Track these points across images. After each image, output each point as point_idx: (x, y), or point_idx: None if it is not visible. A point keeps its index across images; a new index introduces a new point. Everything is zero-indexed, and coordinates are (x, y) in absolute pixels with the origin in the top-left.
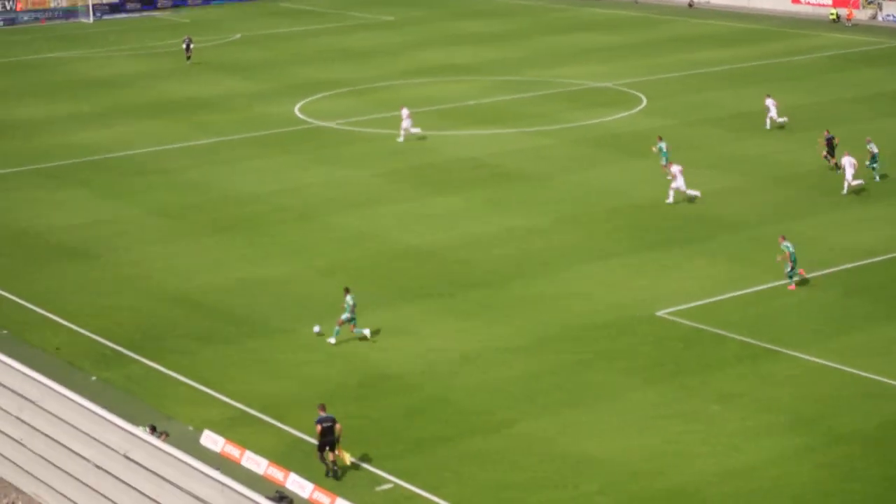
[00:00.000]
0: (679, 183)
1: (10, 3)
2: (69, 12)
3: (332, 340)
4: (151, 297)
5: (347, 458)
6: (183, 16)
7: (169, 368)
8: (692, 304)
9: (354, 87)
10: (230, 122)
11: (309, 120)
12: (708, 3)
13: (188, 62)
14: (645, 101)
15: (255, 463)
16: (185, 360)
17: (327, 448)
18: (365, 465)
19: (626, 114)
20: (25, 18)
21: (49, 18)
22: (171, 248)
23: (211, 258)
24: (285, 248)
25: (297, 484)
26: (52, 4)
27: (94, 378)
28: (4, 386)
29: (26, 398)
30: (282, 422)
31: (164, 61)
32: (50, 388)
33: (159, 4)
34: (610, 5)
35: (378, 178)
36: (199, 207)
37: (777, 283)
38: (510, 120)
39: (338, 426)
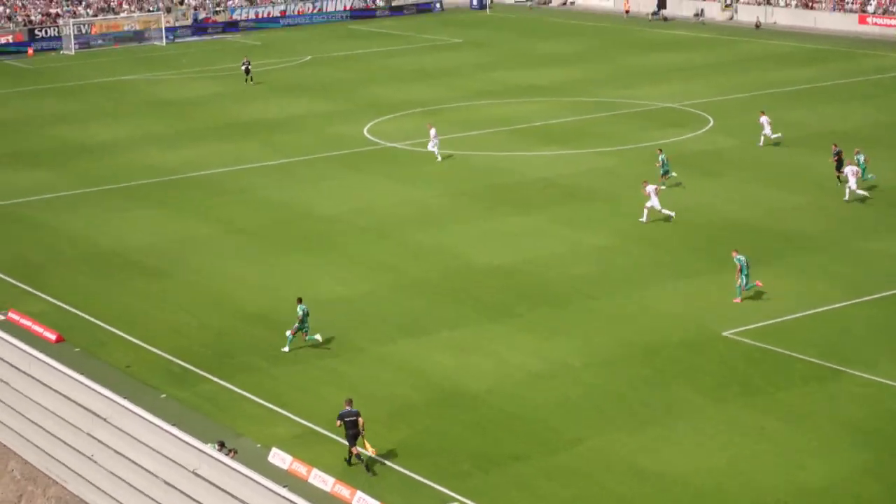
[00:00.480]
0: (654, 202)
1: (86, 27)
2: (143, 35)
3: (286, 349)
4: (222, 315)
5: (371, 450)
6: (254, 38)
7: (238, 386)
8: (760, 324)
9: (424, 107)
10: (302, 143)
11: (378, 140)
12: (774, 23)
13: (249, 83)
14: (712, 122)
15: (322, 481)
16: (254, 377)
17: (353, 442)
18: (433, 484)
19: (694, 134)
20: (100, 42)
21: (123, 41)
22: (244, 266)
23: (283, 276)
24: (358, 266)
25: (363, 502)
26: (126, 28)
27: (164, 395)
28: (76, 402)
29: (97, 415)
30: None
31: (236, 83)
32: (120, 405)
33: (241, 28)
34: (678, 26)
35: (451, 198)
36: (272, 226)
37: (846, 303)
38: (581, 140)
39: (360, 420)
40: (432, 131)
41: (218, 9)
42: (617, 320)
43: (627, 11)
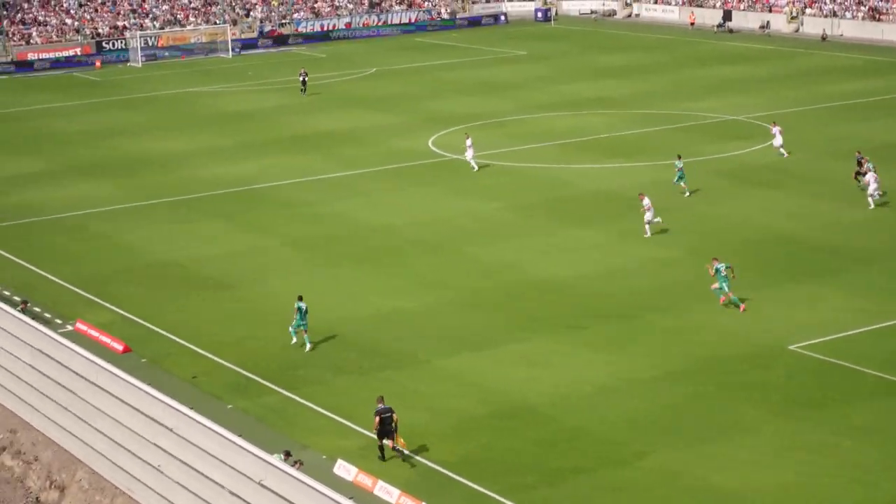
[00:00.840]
0: (649, 216)
1: (153, 39)
2: (209, 48)
3: (294, 341)
4: (286, 327)
5: (404, 446)
6: (320, 51)
7: (304, 398)
8: (826, 338)
9: (488, 120)
10: (366, 155)
11: (443, 153)
12: (841, 35)
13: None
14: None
15: (387, 492)
16: (319, 389)
17: (386, 437)
18: (498, 497)
19: (758, 146)
20: (166, 54)
21: (189, 54)
22: (308, 278)
23: (347, 289)
24: (421, 280)
25: None
26: (193, 40)
27: (229, 407)
28: (143, 413)
29: (164, 425)
30: (414, 453)
31: (300, 95)
32: (187, 415)
33: (306, 40)
34: (743, 38)
35: (512, 211)
36: (336, 239)
37: None
38: (644, 152)
39: (395, 416)
40: (468, 141)
41: (283, 21)
42: (682, 334)
43: (693, 23)
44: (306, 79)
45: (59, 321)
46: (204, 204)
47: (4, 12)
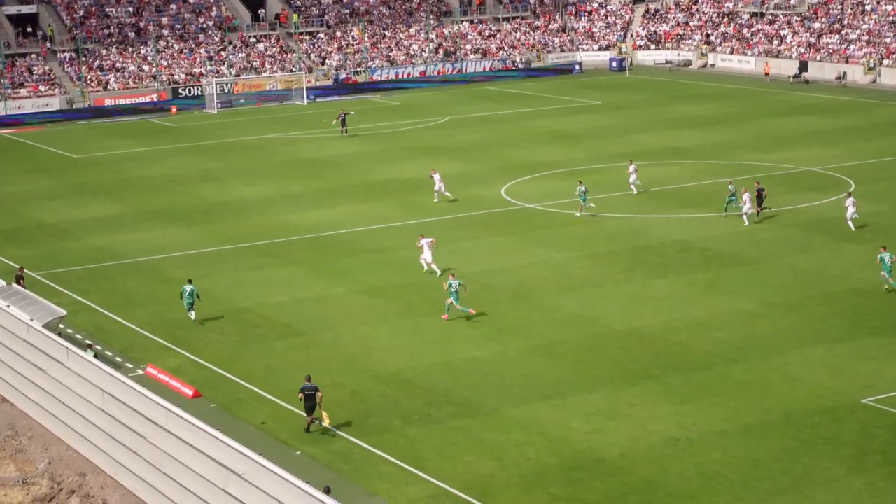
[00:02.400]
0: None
1: (228, 86)
2: (284, 95)
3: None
4: (356, 374)
5: (326, 420)
6: (394, 98)
7: (373, 445)
8: None
9: (562, 169)
10: (440, 203)
11: (515, 201)
12: None
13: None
14: (853, 186)
15: None
16: (389, 437)
17: (311, 412)
18: None
19: (834, 198)
20: (242, 101)
21: (264, 101)
22: (381, 325)
23: (420, 336)
24: (494, 328)
25: None
26: (268, 87)
27: (298, 453)
28: (212, 458)
29: (233, 471)
30: (483, 501)
31: (376, 143)
32: (255, 461)
33: (380, 88)
34: (820, 89)
35: (588, 260)
36: (408, 286)
37: None
38: (719, 203)
39: (319, 394)
40: (436, 176)
41: (359, 69)
42: (756, 386)
43: (767, 74)
44: (346, 118)
45: (129, 365)
46: (277, 250)
47: (83, 59)
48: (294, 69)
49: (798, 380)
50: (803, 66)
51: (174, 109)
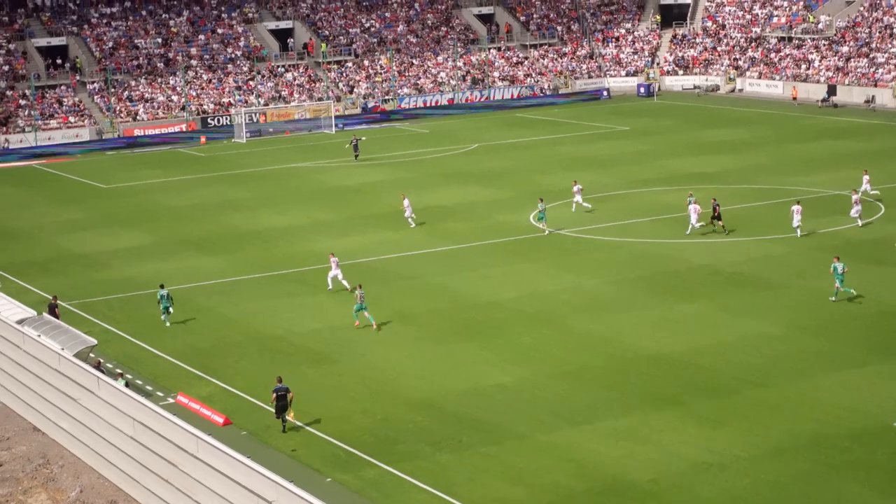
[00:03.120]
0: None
1: (257, 115)
2: (313, 124)
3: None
4: (388, 400)
5: (291, 415)
6: (422, 126)
7: (403, 472)
8: None
9: (590, 195)
10: (469, 230)
11: (545, 227)
12: None
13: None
14: (883, 209)
15: None
16: (418, 463)
17: (283, 412)
18: None
19: (864, 221)
20: (271, 130)
21: (293, 130)
22: (408, 352)
23: (448, 363)
24: (523, 354)
25: None
26: (297, 116)
27: (328, 480)
28: (243, 486)
29: (263, 498)
30: None
31: (405, 170)
32: (286, 488)
33: (409, 116)
34: (848, 113)
35: (615, 285)
36: (437, 313)
37: None
38: (747, 227)
39: (290, 395)
40: (406, 201)
41: (387, 97)
42: (784, 410)
43: (796, 98)
44: (358, 144)
45: (160, 394)
46: (307, 278)
47: (112, 89)
48: (322, 98)
49: (827, 403)
50: (831, 90)
51: (203, 139)
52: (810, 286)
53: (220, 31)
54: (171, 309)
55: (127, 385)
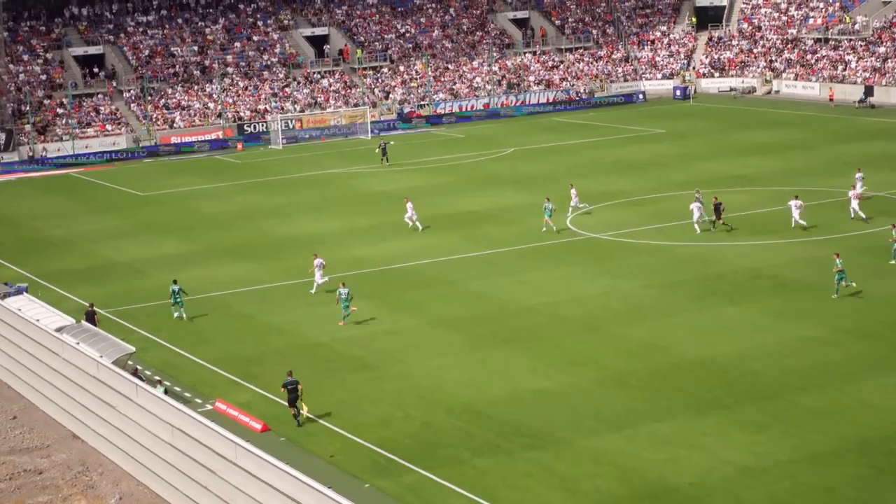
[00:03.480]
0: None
1: (293, 122)
2: (349, 130)
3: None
4: (428, 406)
5: (305, 410)
6: (458, 131)
7: (442, 477)
8: None
9: (628, 198)
10: (507, 234)
11: (581, 232)
12: None
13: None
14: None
15: None
16: (459, 469)
17: (293, 404)
18: None
19: None
20: (307, 136)
21: (329, 136)
22: (449, 358)
23: (489, 368)
24: (564, 359)
25: None
26: (333, 123)
27: (367, 486)
28: (281, 492)
29: None
30: None
31: (442, 175)
32: (324, 494)
33: (444, 121)
34: (886, 114)
35: (657, 289)
36: (477, 318)
37: None
38: (787, 230)
39: (299, 386)
40: (409, 205)
41: (423, 103)
42: (830, 414)
43: (832, 99)
44: (386, 148)
45: (199, 400)
46: (347, 283)
47: (149, 97)
48: (358, 104)
49: (873, 407)
50: (868, 91)
51: (240, 146)
52: (854, 290)
53: (255, 38)
54: (182, 304)
55: (165, 392)
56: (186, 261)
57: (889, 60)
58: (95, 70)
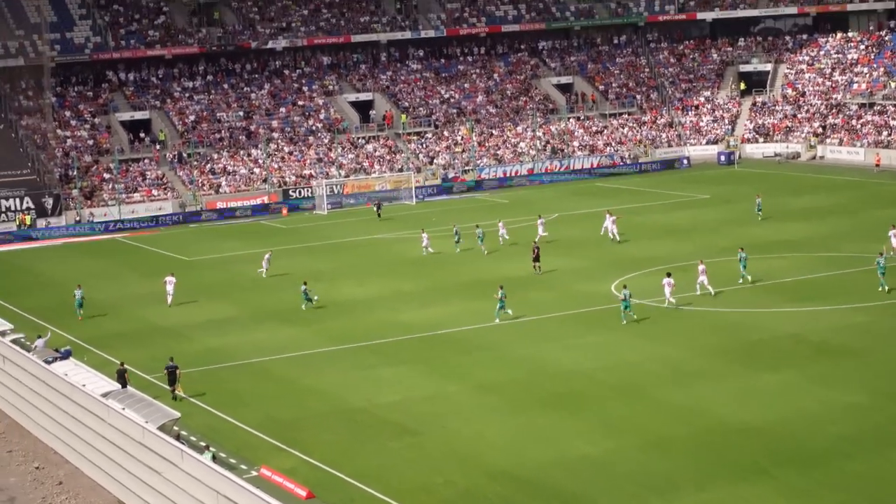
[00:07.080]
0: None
1: (338, 187)
2: (394, 195)
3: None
4: (470, 471)
5: (180, 390)
6: (501, 196)
7: None
8: None
9: (672, 263)
10: (551, 300)
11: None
12: None
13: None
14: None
15: None
16: None
17: (172, 385)
18: None
19: None
20: (352, 202)
21: (374, 201)
22: (491, 423)
23: (532, 433)
24: (607, 425)
25: None
26: (377, 188)
27: None
28: None
29: None
30: None
31: (486, 241)
32: None
33: (487, 186)
34: None
35: (701, 355)
36: (519, 383)
37: None
38: (832, 296)
39: (178, 371)
40: (424, 236)
41: (466, 168)
42: (874, 480)
43: (878, 164)
44: (381, 205)
45: (244, 466)
46: (388, 349)
47: (195, 163)
48: (402, 169)
49: None
50: None
51: (285, 211)
52: None
53: (300, 103)
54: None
55: (214, 458)
56: (230, 325)
57: None
58: (142, 135)
